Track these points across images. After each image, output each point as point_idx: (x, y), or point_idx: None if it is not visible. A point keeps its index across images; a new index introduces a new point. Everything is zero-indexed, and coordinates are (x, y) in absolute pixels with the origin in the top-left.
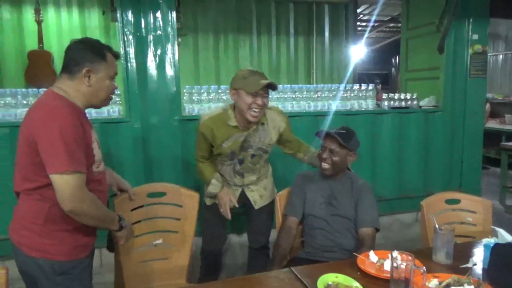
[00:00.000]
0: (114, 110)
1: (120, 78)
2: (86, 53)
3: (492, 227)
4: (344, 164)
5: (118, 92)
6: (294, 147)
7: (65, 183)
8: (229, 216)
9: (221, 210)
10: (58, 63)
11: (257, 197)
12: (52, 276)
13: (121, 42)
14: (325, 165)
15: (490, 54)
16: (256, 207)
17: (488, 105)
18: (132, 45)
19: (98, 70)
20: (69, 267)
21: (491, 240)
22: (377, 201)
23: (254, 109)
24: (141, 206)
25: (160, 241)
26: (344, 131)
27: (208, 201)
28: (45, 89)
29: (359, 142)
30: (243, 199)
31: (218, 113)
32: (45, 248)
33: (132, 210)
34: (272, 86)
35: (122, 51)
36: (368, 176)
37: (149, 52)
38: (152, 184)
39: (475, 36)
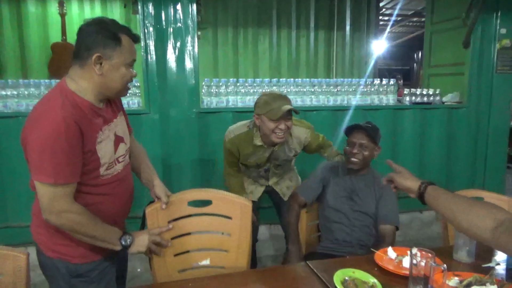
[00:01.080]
0: (133, 102)
1: (140, 70)
2: (98, 36)
3: None
4: (371, 158)
5: (138, 84)
6: (317, 149)
7: (44, 194)
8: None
9: None
10: None
11: (285, 189)
12: (68, 277)
13: (141, 34)
14: (355, 160)
15: None
16: (286, 199)
17: None
18: (152, 38)
19: (111, 56)
20: (85, 269)
21: None
22: (397, 198)
23: (278, 133)
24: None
25: (207, 261)
26: (370, 125)
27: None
28: None
29: (381, 135)
30: (271, 193)
31: (243, 131)
32: (60, 249)
33: (170, 222)
34: (294, 111)
35: (142, 44)
36: (388, 172)
37: (169, 44)
38: (194, 190)
39: (503, 30)
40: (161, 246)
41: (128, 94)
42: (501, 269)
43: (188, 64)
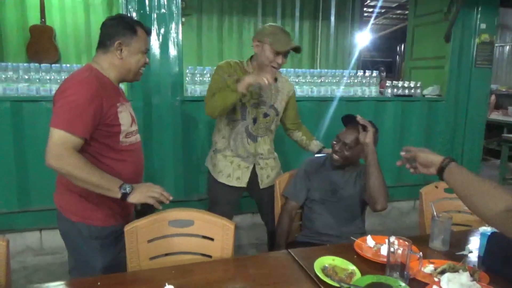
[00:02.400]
0: None
1: None
2: (118, 27)
3: None
4: (358, 158)
5: None
6: (295, 122)
7: (52, 137)
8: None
9: (264, 80)
10: (60, 39)
11: (265, 176)
12: (89, 239)
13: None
14: (336, 157)
15: (497, 44)
16: (261, 186)
17: (493, 97)
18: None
19: (129, 44)
20: (105, 233)
21: (488, 229)
22: None
23: (274, 66)
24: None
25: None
26: (359, 125)
27: (220, 178)
28: (46, 65)
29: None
30: (251, 179)
31: (236, 60)
32: (83, 213)
33: (150, 241)
34: (298, 49)
35: None
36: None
37: (152, 30)
38: (175, 210)
39: (483, 26)
40: (162, 201)
41: None
42: (474, 256)
43: (172, 51)
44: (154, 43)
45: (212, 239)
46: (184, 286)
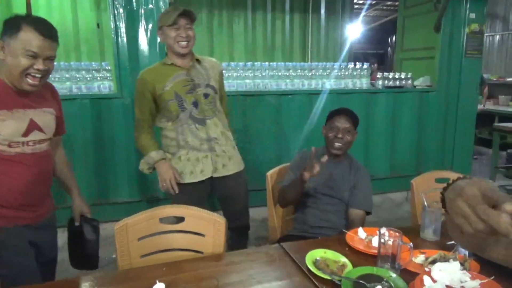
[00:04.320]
0: (105, 86)
1: (111, 53)
2: (4, 25)
3: None
4: (352, 144)
5: (109, 68)
6: (224, 106)
7: None
8: (176, 189)
9: (163, 185)
10: None
11: (220, 165)
12: None
13: (111, 16)
14: (339, 144)
15: (487, 34)
16: (214, 175)
17: (486, 88)
18: (123, 19)
19: (9, 44)
20: None
21: None
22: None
23: (180, 42)
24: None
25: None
26: (350, 110)
27: (184, 179)
28: None
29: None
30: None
31: (156, 64)
32: None
33: (140, 239)
34: (190, 14)
35: (112, 25)
36: (361, 155)
37: (140, 26)
38: (166, 207)
39: (472, 15)
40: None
41: (98, 78)
42: None
43: (160, 47)
44: (143, 39)
45: (203, 235)
46: (174, 283)
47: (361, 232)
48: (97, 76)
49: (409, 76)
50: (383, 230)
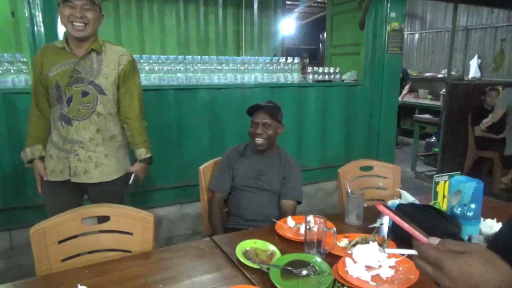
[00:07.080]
0: (20, 79)
1: (26, 44)
2: None
3: (398, 189)
4: (275, 137)
5: (24, 60)
6: (127, 113)
7: None
8: (39, 189)
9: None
10: None
11: (81, 170)
12: None
13: (25, 3)
14: (260, 140)
15: (407, 32)
16: (73, 179)
17: (409, 84)
18: (39, 7)
19: None
20: None
21: (396, 201)
22: (302, 171)
23: (74, 22)
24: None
25: None
26: (271, 104)
27: (48, 175)
28: None
29: (283, 113)
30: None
31: (52, 42)
32: None
33: (61, 242)
34: None
35: (27, 14)
36: (294, 147)
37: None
38: (90, 206)
39: (393, 14)
40: None
41: (12, 71)
42: (385, 228)
43: None
44: (61, 28)
45: (131, 234)
46: (99, 285)
47: (290, 221)
48: (11, 68)
49: (337, 70)
50: (309, 217)
